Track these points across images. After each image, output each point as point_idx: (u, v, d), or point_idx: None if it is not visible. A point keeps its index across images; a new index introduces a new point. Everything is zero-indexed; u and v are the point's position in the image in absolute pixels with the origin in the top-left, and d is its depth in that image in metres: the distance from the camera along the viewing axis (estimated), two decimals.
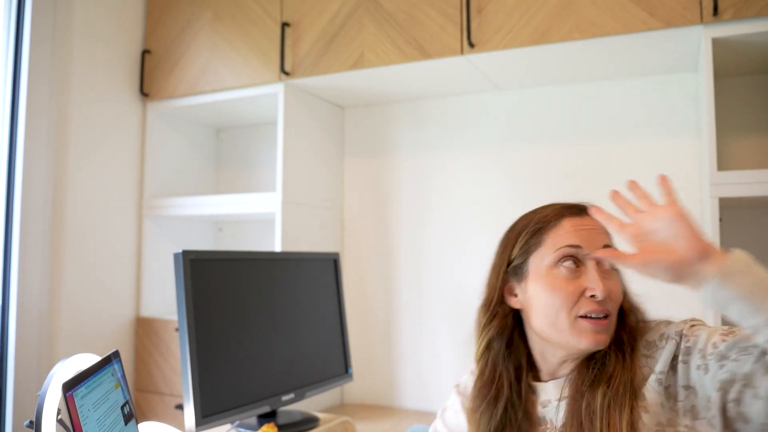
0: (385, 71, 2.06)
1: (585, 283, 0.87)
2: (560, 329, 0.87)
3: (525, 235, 0.94)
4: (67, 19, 2.20)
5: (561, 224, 0.92)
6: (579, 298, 0.86)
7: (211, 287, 1.47)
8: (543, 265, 0.90)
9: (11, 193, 2.06)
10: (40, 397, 1.04)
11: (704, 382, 0.79)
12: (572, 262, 0.88)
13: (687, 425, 0.80)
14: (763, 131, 1.91)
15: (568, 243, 0.89)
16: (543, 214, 0.95)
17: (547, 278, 0.89)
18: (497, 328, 0.95)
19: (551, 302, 0.87)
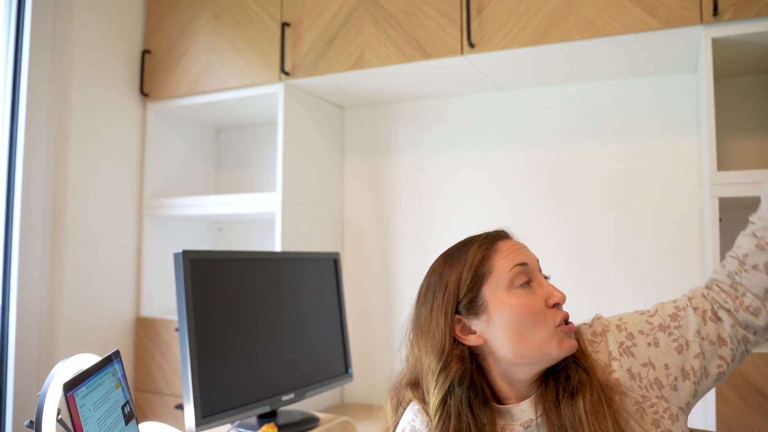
0: (385, 71, 2.06)
1: (543, 294, 0.91)
2: (538, 343, 0.88)
3: (469, 269, 0.92)
4: (67, 19, 2.20)
5: (499, 248, 0.94)
6: (545, 310, 0.90)
7: (211, 287, 1.47)
8: (500, 290, 0.90)
9: (11, 193, 2.06)
10: (40, 397, 1.04)
11: (658, 353, 0.91)
12: (525, 279, 0.91)
13: (657, 396, 0.89)
14: (763, 131, 1.91)
15: (517, 262, 0.91)
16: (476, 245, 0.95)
17: (509, 301, 0.90)
18: (457, 373, 0.91)
19: (522, 321, 0.88)
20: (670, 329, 0.92)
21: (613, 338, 0.93)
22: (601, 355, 0.93)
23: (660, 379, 0.90)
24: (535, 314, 0.88)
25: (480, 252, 0.94)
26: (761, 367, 1.52)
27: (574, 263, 2.11)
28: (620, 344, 0.92)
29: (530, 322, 0.88)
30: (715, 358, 0.90)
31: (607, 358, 0.92)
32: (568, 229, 2.14)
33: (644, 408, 0.88)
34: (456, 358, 0.92)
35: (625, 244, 2.05)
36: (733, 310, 0.90)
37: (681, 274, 1.96)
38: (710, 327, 0.90)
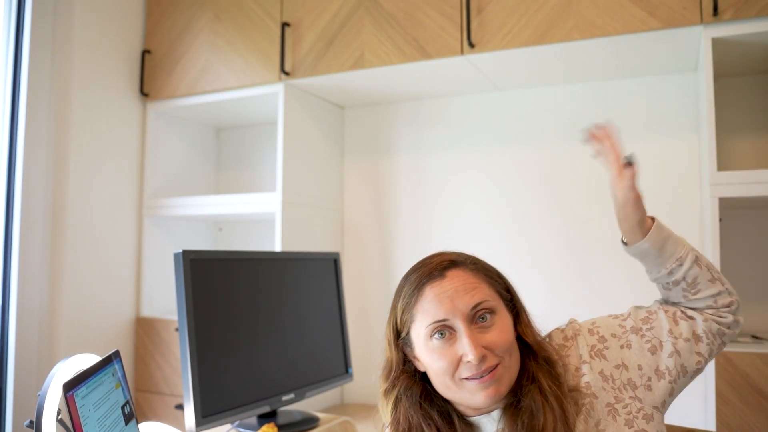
0: (385, 71, 2.06)
1: (459, 350, 0.88)
2: (453, 390, 0.89)
3: (400, 310, 0.95)
4: (67, 19, 2.20)
5: (424, 295, 0.92)
6: (458, 364, 0.88)
7: (211, 287, 1.47)
8: (421, 337, 0.91)
9: (11, 193, 2.06)
10: (40, 397, 1.04)
11: (631, 354, 0.93)
12: (442, 334, 0.89)
13: (631, 396, 0.91)
14: (763, 131, 1.91)
15: (434, 320, 0.89)
16: (408, 287, 0.95)
17: (426, 349, 0.90)
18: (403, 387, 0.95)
19: (436, 370, 0.89)
20: (643, 331, 0.94)
21: (583, 342, 0.95)
22: (571, 358, 0.95)
23: (633, 380, 0.92)
24: (444, 368, 0.88)
25: (407, 297, 0.94)
26: (761, 367, 1.52)
27: (574, 263, 2.11)
28: (591, 347, 0.94)
29: (441, 373, 0.89)
30: (692, 354, 0.92)
31: (577, 361, 0.94)
32: (567, 228, 2.13)
33: (617, 408, 0.90)
34: (405, 375, 0.95)
35: None
36: (699, 312, 0.94)
37: None
38: (683, 326, 0.93)
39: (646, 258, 0.95)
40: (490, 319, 0.90)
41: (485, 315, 0.89)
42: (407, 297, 0.94)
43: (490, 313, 0.90)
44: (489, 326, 0.89)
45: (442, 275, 0.92)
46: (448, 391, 0.90)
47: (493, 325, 0.89)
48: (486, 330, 0.89)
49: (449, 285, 0.91)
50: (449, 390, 0.90)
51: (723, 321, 0.93)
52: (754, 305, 1.88)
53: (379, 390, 0.98)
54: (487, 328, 0.89)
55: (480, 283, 0.92)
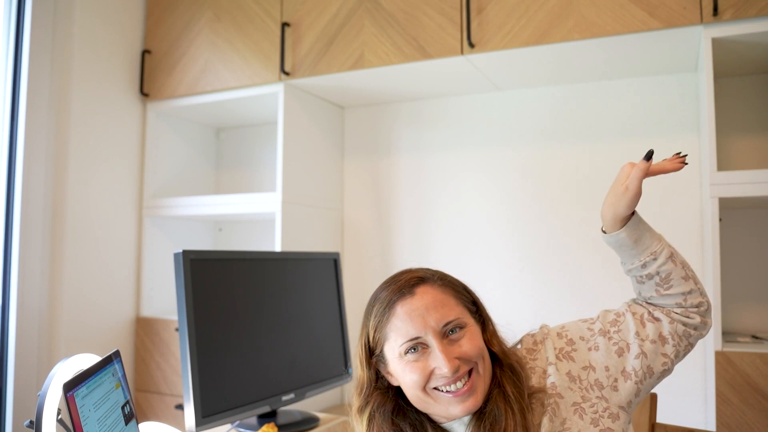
0: (385, 71, 2.06)
1: (432, 365, 0.91)
2: (427, 403, 0.92)
3: (371, 329, 0.97)
4: (67, 19, 2.20)
5: (395, 313, 0.94)
6: (430, 376, 0.91)
7: (211, 287, 1.47)
8: (395, 354, 0.94)
9: (11, 193, 2.06)
10: (40, 397, 1.04)
11: (598, 356, 0.96)
12: (414, 350, 0.92)
13: (598, 396, 0.94)
14: (763, 131, 1.91)
15: (407, 338, 0.92)
16: (378, 306, 0.97)
17: (400, 364, 0.93)
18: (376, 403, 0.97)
19: (411, 384, 0.92)
20: (610, 334, 0.97)
21: (551, 345, 0.98)
22: (539, 361, 0.98)
23: (600, 380, 0.95)
24: (416, 382, 0.91)
25: (378, 316, 0.96)
26: (761, 367, 1.52)
27: (574, 263, 2.11)
28: (559, 350, 0.98)
29: (416, 388, 0.91)
30: (658, 356, 0.95)
31: (544, 363, 0.97)
32: (567, 228, 2.13)
33: (583, 408, 0.93)
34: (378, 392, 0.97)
35: None
36: (666, 314, 0.96)
37: None
38: (649, 328, 0.95)
39: (621, 248, 0.96)
40: (460, 332, 0.93)
41: (455, 329, 0.93)
42: (378, 316, 0.96)
43: (459, 327, 0.93)
44: (460, 338, 0.93)
45: (411, 292, 0.95)
46: (423, 404, 0.93)
47: (463, 336, 0.93)
48: (457, 341, 0.92)
49: (419, 302, 0.93)
50: (424, 403, 0.93)
51: (690, 322, 0.95)
52: (754, 305, 1.88)
53: (353, 407, 1.01)
54: (458, 340, 0.92)
55: (448, 299, 0.95)
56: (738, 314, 1.88)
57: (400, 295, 0.95)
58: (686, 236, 1.97)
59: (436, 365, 0.90)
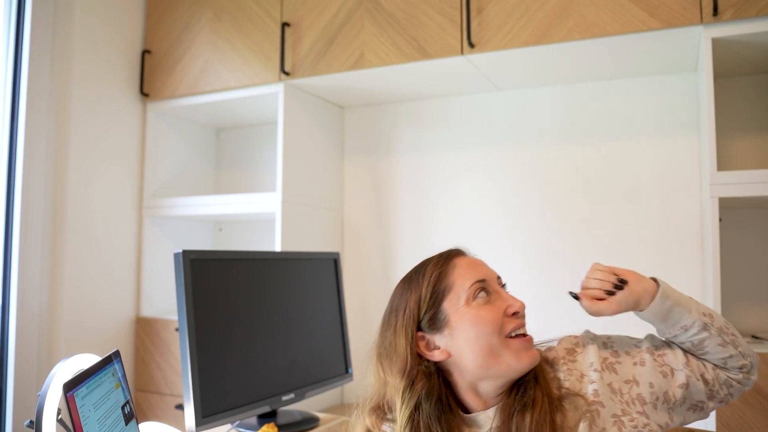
0: (385, 71, 2.06)
1: (502, 305, 0.93)
2: (497, 354, 0.91)
3: (427, 288, 0.96)
4: (67, 19, 2.20)
5: (456, 264, 0.97)
6: (503, 320, 0.92)
7: (211, 287, 1.47)
8: (460, 304, 0.93)
9: (11, 193, 2.06)
10: (40, 397, 1.04)
11: (644, 372, 0.94)
12: (485, 293, 0.94)
13: (639, 411, 0.92)
14: (763, 131, 1.91)
15: (476, 279, 0.94)
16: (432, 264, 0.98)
17: (468, 313, 0.92)
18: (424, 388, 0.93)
19: (481, 331, 0.91)
20: (655, 356, 0.96)
21: (595, 352, 0.97)
22: (578, 364, 0.96)
23: (643, 396, 0.93)
24: (493, 324, 0.91)
25: (437, 269, 0.96)
26: (761, 367, 1.52)
27: (574, 263, 2.11)
28: (604, 359, 0.96)
29: (489, 331, 0.91)
30: (699, 392, 0.94)
31: (585, 368, 0.95)
32: (567, 228, 2.13)
33: (623, 420, 0.90)
34: (422, 374, 0.94)
35: (624, 243, 2.05)
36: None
37: (681, 275, 1.96)
38: (694, 364, 0.95)
39: (651, 322, 0.96)
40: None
41: (504, 286, 0.98)
42: (437, 269, 0.96)
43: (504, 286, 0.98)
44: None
45: (462, 253, 1.00)
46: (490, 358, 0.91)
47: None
48: None
49: (472, 258, 0.99)
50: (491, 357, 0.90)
51: (733, 376, 0.94)
52: (754, 305, 1.88)
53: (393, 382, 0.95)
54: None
55: None
56: (738, 314, 1.88)
57: (453, 255, 0.99)
58: (686, 236, 1.97)
59: (507, 304, 0.93)
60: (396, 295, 1.01)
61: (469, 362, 0.92)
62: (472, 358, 0.91)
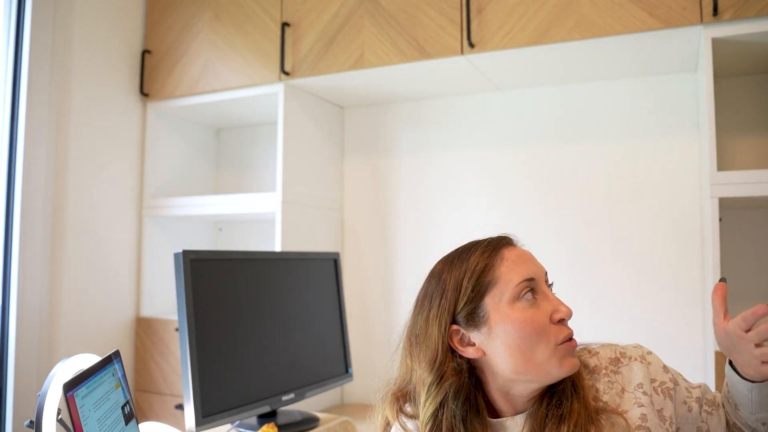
0: (385, 71, 2.06)
1: (548, 309, 0.85)
2: (539, 362, 0.84)
3: (471, 279, 0.87)
4: (67, 19, 2.20)
5: (505, 257, 0.88)
6: (548, 326, 0.85)
7: (211, 287, 1.47)
8: (503, 302, 0.85)
9: (11, 193, 2.06)
10: (40, 397, 1.04)
11: (687, 418, 0.89)
12: (531, 293, 0.86)
13: None
14: (763, 131, 1.91)
15: (525, 277, 0.86)
16: (479, 251, 0.89)
17: (512, 314, 0.85)
18: (452, 386, 0.86)
19: (525, 337, 0.83)
20: (702, 410, 0.90)
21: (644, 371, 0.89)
22: (620, 377, 0.89)
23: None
24: (539, 330, 0.84)
25: (483, 260, 0.88)
26: None
27: (574, 263, 2.11)
28: (660, 383, 0.89)
29: (533, 338, 0.83)
30: None
31: (627, 383, 0.88)
32: (567, 229, 2.13)
33: None
34: (452, 370, 0.87)
35: (624, 243, 2.05)
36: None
37: (681, 274, 1.96)
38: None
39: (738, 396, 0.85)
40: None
41: (551, 286, 0.90)
42: (482, 262, 0.88)
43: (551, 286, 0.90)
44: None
45: (511, 243, 0.92)
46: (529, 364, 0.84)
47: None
48: None
49: (521, 251, 0.91)
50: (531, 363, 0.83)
51: None
52: (754, 305, 1.88)
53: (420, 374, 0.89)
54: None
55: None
56: (738, 314, 1.88)
57: (502, 242, 0.91)
58: (686, 236, 1.97)
59: (554, 308, 0.85)
60: (433, 277, 0.91)
61: (505, 365, 0.85)
62: (510, 361, 0.85)
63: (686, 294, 1.95)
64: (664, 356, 0.95)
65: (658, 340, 1.96)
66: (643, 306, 2.00)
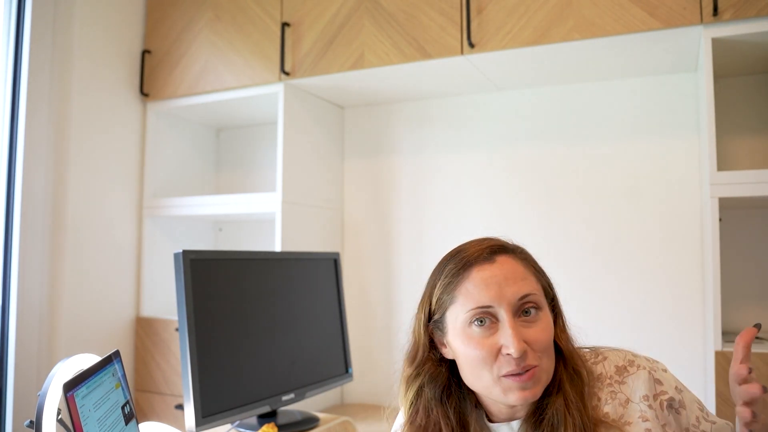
0: (385, 71, 2.06)
1: (499, 341, 0.82)
2: (486, 386, 0.84)
3: (439, 289, 0.88)
4: (67, 19, 2.20)
5: (470, 277, 0.85)
6: (497, 356, 0.82)
7: (211, 287, 1.47)
8: (458, 322, 0.85)
9: (11, 193, 2.06)
10: (40, 397, 1.04)
11: None
12: (482, 322, 0.83)
13: None
14: (763, 131, 1.91)
15: (477, 305, 0.83)
16: (453, 265, 0.88)
17: (463, 336, 0.84)
18: (428, 376, 0.89)
19: (471, 360, 0.84)
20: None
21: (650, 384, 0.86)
22: (625, 387, 0.86)
23: None
24: (481, 359, 0.82)
25: (451, 276, 0.87)
26: (761, 367, 1.52)
27: (574, 263, 2.11)
28: (668, 400, 0.85)
29: (476, 364, 0.83)
30: None
31: (633, 394, 0.86)
32: (567, 228, 2.13)
33: None
34: (431, 362, 0.90)
35: (624, 243, 2.05)
36: None
37: (681, 274, 1.96)
38: None
39: None
40: (535, 314, 0.84)
41: (530, 309, 0.84)
42: (450, 276, 0.87)
43: (535, 308, 0.84)
44: (532, 321, 0.84)
45: (491, 259, 0.87)
46: (480, 385, 0.85)
47: (537, 321, 0.84)
48: (529, 325, 0.83)
49: (498, 270, 0.85)
50: (480, 384, 0.84)
51: None
52: (754, 305, 1.88)
53: (402, 374, 0.93)
54: (531, 323, 0.83)
55: (528, 275, 0.87)
56: (738, 314, 1.88)
57: (478, 260, 0.86)
58: (686, 236, 1.97)
59: (504, 343, 0.81)
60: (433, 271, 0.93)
61: (465, 377, 0.87)
62: (466, 376, 0.87)
63: (686, 294, 1.95)
64: (664, 356, 0.95)
65: (658, 340, 1.96)
66: (643, 306, 2.00)
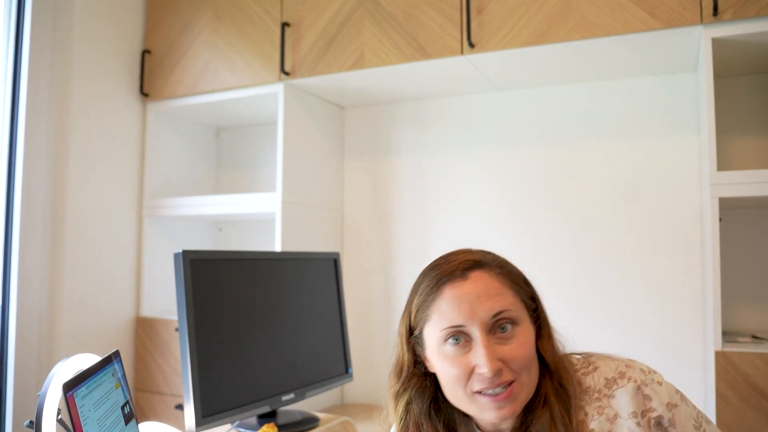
0: (385, 71, 2.06)
1: (472, 360, 0.81)
2: (463, 402, 0.84)
3: (415, 306, 0.89)
4: (67, 19, 2.20)
5: (442, 296, 0.85)
6: (471, 374, 0.82)
7: (211, 287, 1.47)
8: (434, 340, 0.86)
9: (11, 193, 2.06)
10: (40, 397, 1.04)
11: None
12: (456, 340, 0.83)
13: None
14: (763, 131, 1.91)
15: (449, 324, 0.83)
16: (427, 282, 0.88)
17: (439, 354, 0.85)
18: (414, 391, 0.90)
19: (448, 377, 0.84)
20: None
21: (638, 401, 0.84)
22: (614, 401, 0.84)
23: None
24: (455, 377, 0.83)
25: (424, 294, 0.87)
26: (761, 367, 1.52)
27: (574, 263, 2.11)
28: (658, 417, 0.83)
29: (451, 381, 0.84)
30: None
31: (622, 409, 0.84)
32: (567, 229, 2.13)
33: None
34: (416, 376, 0.90)
35: (624, 243, 2.05)
36: None
37: (681, 274, 1.96)
38: None
39: None
40: (511, 330, 0.83)
41: (506, 325, 0.83)
42: (424, 294, 0.87)
43: (511, 323, 0.83)
44: (508, 338, 0.82)
45: (464, 276, 0.85)
46: (458, 401, 0.85)
47: (513, 336, 0.83)
48: (505, 341, 0.82)
49: (470, 288, 0.84)
50: (458, 400, 0.85)
51: None
52: (754, 305, 1.88)
53: (389, 390, 0.93)
54: (507, 340, 0.82)
55: (504, 290, 0.85)
56: (738, 314, 1.88)
57: (451, 277, 0.85)
58: (686, 236, 1.97)
59: (476, 362, 0.80)
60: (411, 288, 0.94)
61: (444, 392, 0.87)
62: (445, 390, 0.87)
63: (686, 294, 1.95)
64: (664, 356, 0.94)
65: (658, 340, 1.96)
66: (643, 306, 2.00)
